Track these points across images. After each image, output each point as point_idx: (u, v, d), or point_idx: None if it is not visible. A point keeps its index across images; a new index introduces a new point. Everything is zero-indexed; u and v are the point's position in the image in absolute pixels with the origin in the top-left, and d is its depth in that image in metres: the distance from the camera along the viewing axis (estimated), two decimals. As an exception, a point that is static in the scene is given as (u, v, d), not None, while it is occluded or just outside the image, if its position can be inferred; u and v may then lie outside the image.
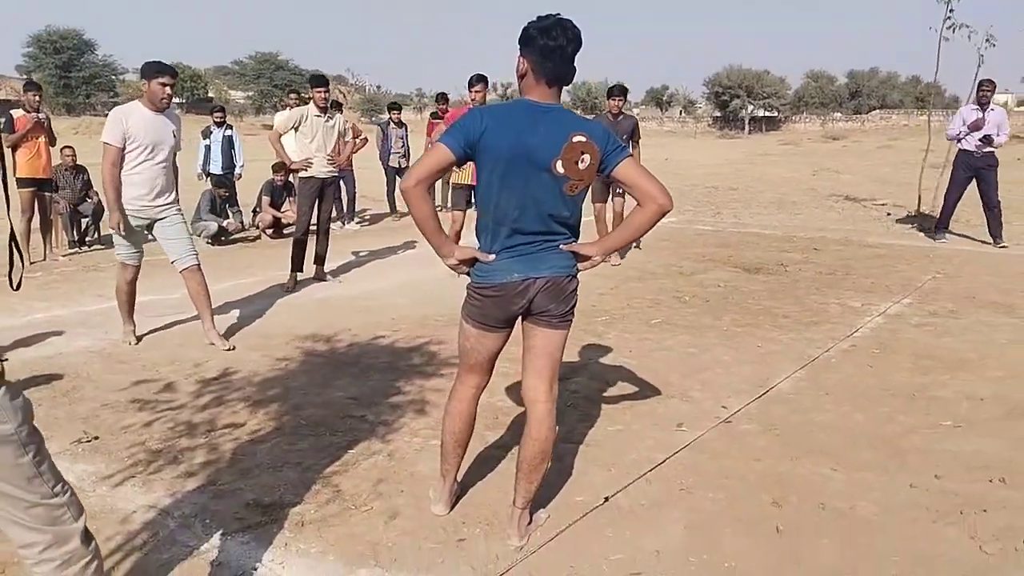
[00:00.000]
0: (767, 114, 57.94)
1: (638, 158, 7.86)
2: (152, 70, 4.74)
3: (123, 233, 4.80)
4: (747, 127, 54.79)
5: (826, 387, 4.25)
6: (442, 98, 12.27)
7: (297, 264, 6.79)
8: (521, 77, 2.49)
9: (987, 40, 9.91)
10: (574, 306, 2.63)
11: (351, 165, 10.79)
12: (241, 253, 8.74)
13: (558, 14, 2.47)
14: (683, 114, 73.01)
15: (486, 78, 6.94)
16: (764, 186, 16.25)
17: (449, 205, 6.81)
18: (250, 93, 58.92)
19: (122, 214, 4.74)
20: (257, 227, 9.54)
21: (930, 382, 4.30)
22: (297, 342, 5.14)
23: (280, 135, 6.81)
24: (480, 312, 2.57)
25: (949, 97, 60.31)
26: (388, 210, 11.82)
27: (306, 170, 6.66)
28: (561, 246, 2.54)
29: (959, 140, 8.75)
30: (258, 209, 9.59)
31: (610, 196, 7.76)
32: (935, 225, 9.20)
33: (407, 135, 11.78)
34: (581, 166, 2.42)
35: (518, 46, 2.47)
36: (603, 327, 5.46)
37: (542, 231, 2.49)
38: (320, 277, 7.11)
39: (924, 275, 7.10)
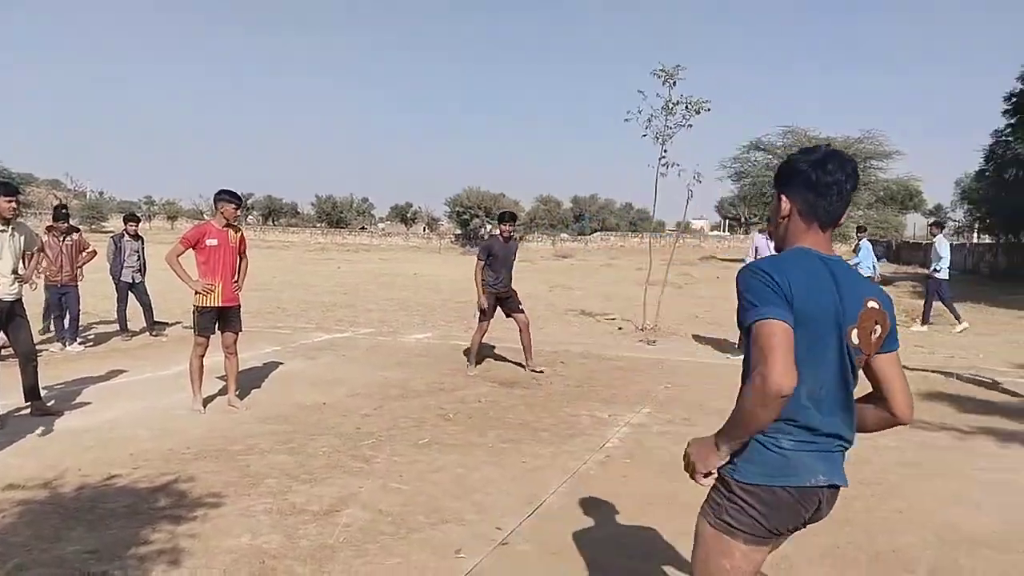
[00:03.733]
0: (504, 233, 61.90)
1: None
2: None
3: None
4: (487, 244, 57.89)
5: (591, 499, 4.45)
6: (131, 218, 11.21)
7: None
8: (782, 219, 2.11)
9: (695, 177, 11.55)
10: None
11: (75, 280, 9.76)
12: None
13: (828, 145, 2.15)
14: (427, 231, 75.66)
15: (238, 195, 6.67)
16: (508, 301, 17.16)
17: None
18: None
19: None
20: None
21: (679, 488, 4.66)
22: (13, 489, 4.39)
23: None
24: (763, 522, 1.96)
25: (656, 222, 68.60)
26: (118, 329, 10.74)
27: None
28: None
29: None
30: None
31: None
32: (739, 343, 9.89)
33: (143, 248, 10.93)
34: (873, 338, 2.03)
35: (776, 185, 2.13)
36: (371, 451, 5.31)
37: (837, 421, 2.02)
38: (38, 410, 6.20)
39: (658, 385, 7.83)
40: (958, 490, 4.67)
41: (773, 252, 2.21)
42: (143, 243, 10.99)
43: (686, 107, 11.51)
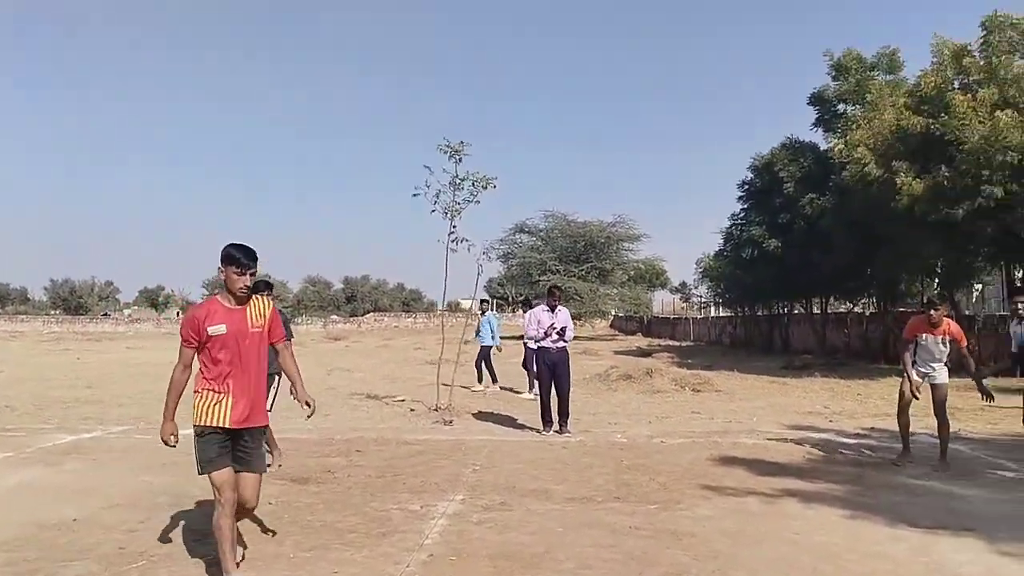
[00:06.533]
0: (269, 316, 59.24)
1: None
2: None
3: None
4: (251, 328, 54.84)
5: (422, 610, 3.85)
6: None
7: None
8: None
9: (484, 253, 11.51)
10: None
11: None
12: None
13: None
14: (180, 316, 70.32)
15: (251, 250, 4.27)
16: (284, 387, 15.92)
17: None
18: None
19: None
20: None
21: (516, 585, 4.21)
22: None
23: None
24: None
25: (427, 301, 69.35)
26: None
27: None
28: None
29: (538, 341, 9.58)
30: None
31: None
32: (542, 421, 9.59)
33: None
34: None
35: None
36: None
37: None
38: None
39: (464, 468, 7.36)
40: (787, 555, 4.65)
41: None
42: None
43: (472, 183, 11.52)
